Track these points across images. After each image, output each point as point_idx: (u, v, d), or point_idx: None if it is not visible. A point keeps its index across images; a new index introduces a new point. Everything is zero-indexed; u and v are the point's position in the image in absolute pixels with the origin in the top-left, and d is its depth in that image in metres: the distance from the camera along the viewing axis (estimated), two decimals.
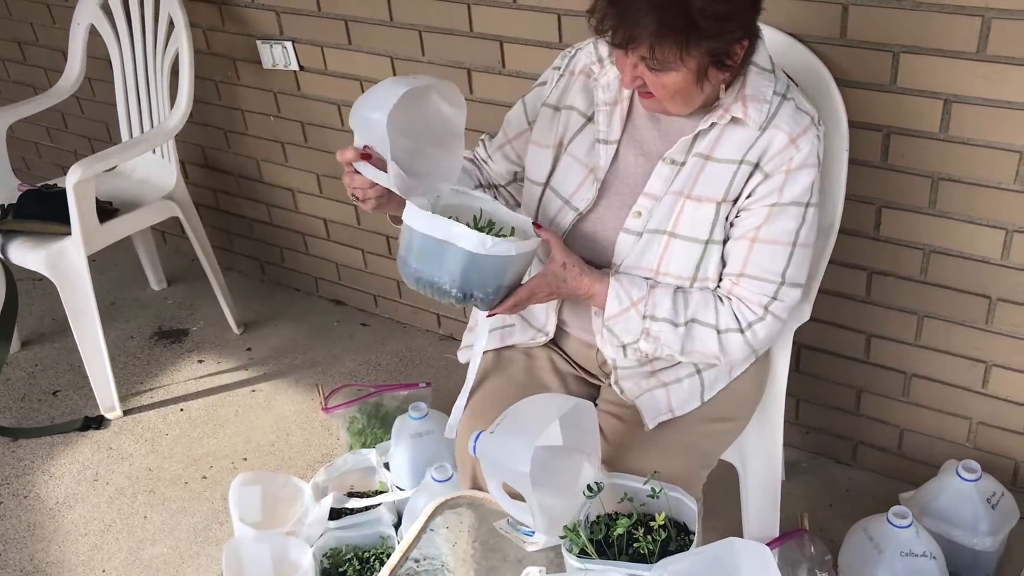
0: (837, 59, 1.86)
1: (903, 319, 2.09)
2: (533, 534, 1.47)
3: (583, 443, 1.45)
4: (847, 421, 2.30)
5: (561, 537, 1.39)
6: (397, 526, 2.16)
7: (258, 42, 2.74)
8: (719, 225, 1.50)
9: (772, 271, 1.49)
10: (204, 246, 2.90)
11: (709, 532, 1.43)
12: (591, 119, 1.59)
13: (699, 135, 1.50)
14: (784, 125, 1.46)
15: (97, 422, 2.68)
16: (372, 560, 2.09)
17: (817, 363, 2.25)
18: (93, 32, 2.87)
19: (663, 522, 1.39)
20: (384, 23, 2.49)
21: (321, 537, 2.10)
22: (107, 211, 2.67)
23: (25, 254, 2.56)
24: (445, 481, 2.01)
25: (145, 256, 3.24)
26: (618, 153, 1.57)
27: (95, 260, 2.57)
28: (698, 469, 1.60)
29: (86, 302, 2.59)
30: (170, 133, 2.68)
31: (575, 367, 1.72)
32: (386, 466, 2.28)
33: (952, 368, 2.08)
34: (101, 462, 2.56)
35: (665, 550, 1.38)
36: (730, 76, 1.46)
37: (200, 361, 2.92)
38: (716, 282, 1.53)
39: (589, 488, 1.43)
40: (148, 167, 2.91)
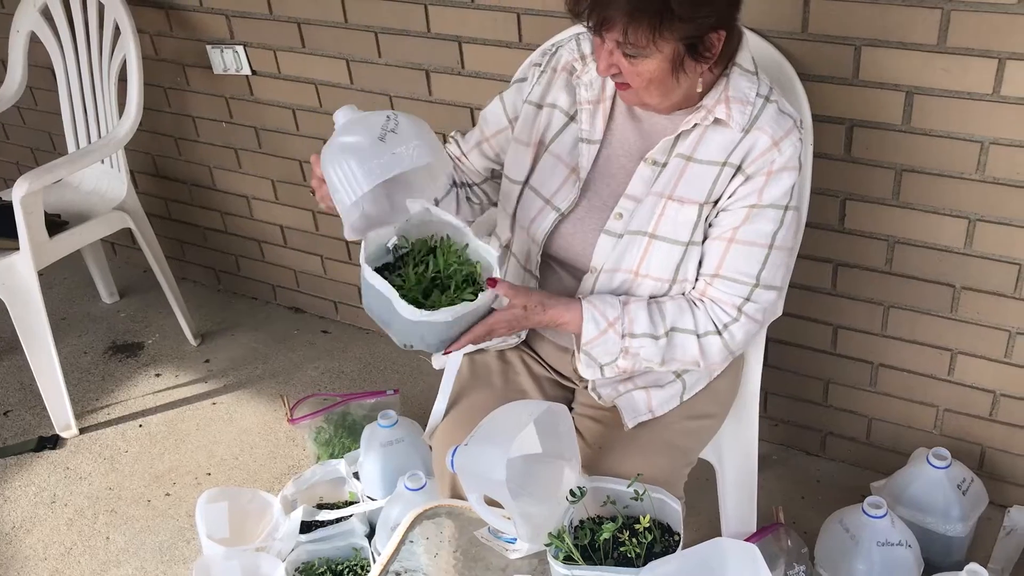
0: (799, 53, 1.87)
1: (869, 310, 2.11)
2: (515, 541, 1.46)
3: (562, 448, 1.43)
4: (816, 413, 2.32)
5: (546, 544, 1.37)
6: (370, 537, 2.12)
7: (208, 47, 2.68)
8: (700, 227, 1.49)
9: (746, 273, 1.49)
10: (157, 257, 2.83)
11: (687, 530, 1.43)
12: (573, 118, 1.57)
13: (681, 136, 1.49)
14: (767, 127, 1.46)
15: (52, 442, 2.60)
16: (346, 572, 2.05)
17: (785, 356, 2.26)
18: (34, 39, 2.78)
19: (648, 524, 1.38)
20: (338, 25, 2.44)
21: (293, 551, 2.06)
22: (56, 224, 2.59)
23: None
24: (419, 490, 1.98)
25: (95, 268, 3.16)
26: (600, 153, 1.56)
27: (42, 274, 2.49)
28: (680, 467, 1.60)
29: (37, 318, 2.51)
30: (120, 142, 2.61)
31: (550, 371, 1.71)
32: (356, 476, 2.24)
33: (918, 357, 2.11)
34: (58, 483, 2.48)
35: (651, 552, 1.38)
36: (708, 74, 1.45)
37: (157, 375, 2.85)
38: (695, 283, 1.53)
39: (572, 493, 1.41)
40: (97, 178, 2.83)
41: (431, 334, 1.41)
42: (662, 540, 1.40)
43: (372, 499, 2.17)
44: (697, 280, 1.52)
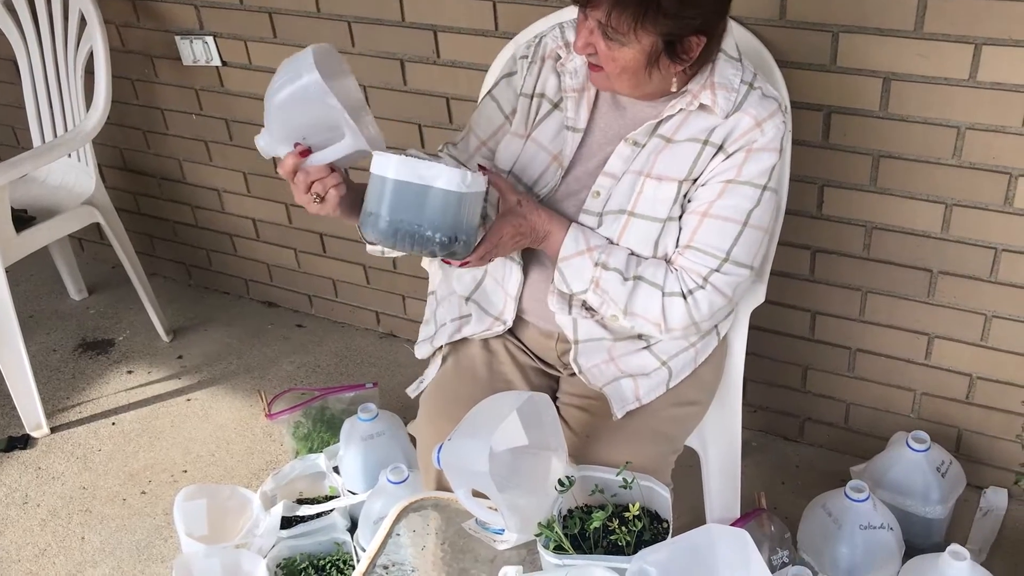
0: (777, 40, 1.87)
1: (847, 295, 2.12)
2: (503, 532, 1.45)
3: (547, 439, 1.42)
4: (794, 398, 2.33)
5: (536, 534, 1.36)
6: (352, 531, 2.10)
7: (177, 38, 2.63)
8: (678, 203, 1.50)
9: (717, 247, 1.49)
10: (127, 252, 2.78)
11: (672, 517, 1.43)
12: (557, 105, 1.57)
13: (664, 120, 1.49)
14: (751, 109, 1.47)
15: (23, 441, 2.55)
16: (328, 567, 2.03)
17: (763, 342, 2.27)
18: None
19: (638, 512, 1.38)
20: (311, 14, 2.41)
21: (274, 547, 2.03)
22: (23, 220, 2.54)
23: None
24: (401, 483, 1.96)
25: (63, 264, 3.10)
26: (584, 141, 1.56)
27: (8, 271, 2.43)
28: (667, 454, 1.60)
29: (5, 316, 2.45)
30: (88, 136, 2.56)
31: (534, 359, 1.70)
32: (336, 470, 2.22)
33: (896, 341, 2.12)
34: (30, 483, 2.43)
35: (640, 540, 1.37)
36: (683, 75, 1.46)
37: (129, 372, 2.81)
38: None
39: (561, 482, 1.40)
40: (64, 172, 2.77)
41: (469, 211, 1.37)
42: (651, 528, 1.40)
43: (353, 493, 2.15)
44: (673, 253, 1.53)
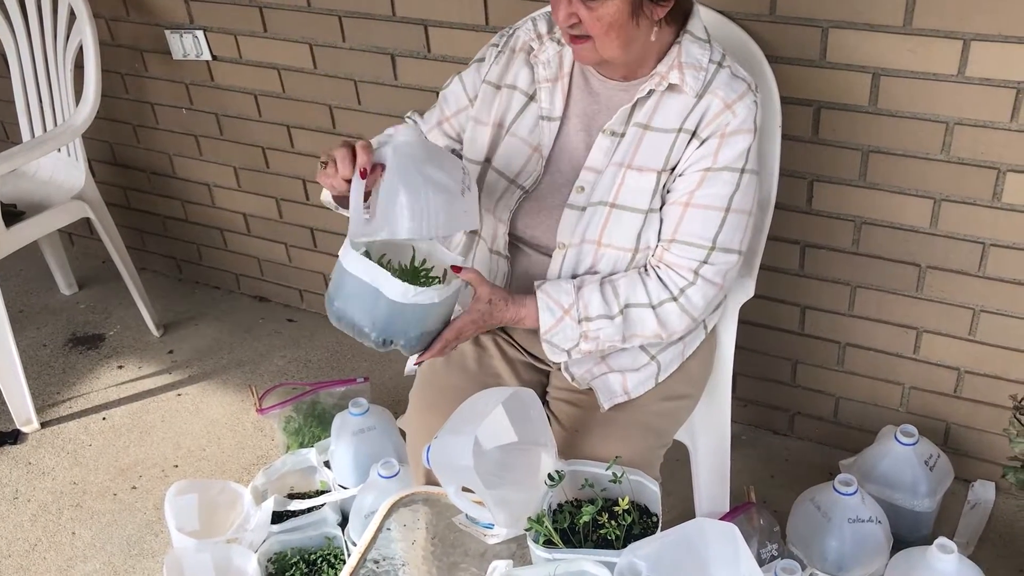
0: (767, 35, 1.87)
1: (836, 290, 2.13)
2: (493, 526, 1.45)
3: (536, 434, 1.43)
4: (784, 392, 2.34)
5: (526, 529, 1.37)
6: (343, 526, 2.11)
7: (167, 32, 2.62)
8: (658, 194, 1.50)
9: (703, 236, 1.49)
10: (117, 246, 2.77)
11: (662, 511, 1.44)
12: (532, 97, 1.57)
13: (637, 104, 1.50)
14: (720, 91, 1.47)
15: (13, 437, 2.55)
16: (319, 562, 2.04)
17: (753, 337, 2.27)
18: None
19: (627, 506, 1.38)
20: (301, 8, 2.41)
21: (265, 542, 2.04)
22: (12, 214, 2.53)
23: None
24: (392, 477, 1.97)
25: (53, 259, 3.09)
26: (561, 129, 1.57)
27: None
28: (656, 449, 1.60)
29: None
30: (78, 130, 2.55)
31: (524, 353, 1.70)
32: (327, 465, 2.22)
33: (885, 336, 2.13)
34: (20, 478, 2.43)
35: (630, 534, 1.38)
36: (663, 31, 1.46)
37: (120, 367, 2.80)
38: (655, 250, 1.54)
39: (550, 477, 1.41)
40: (54, 167, 2.76)
41: (413, 319, 1.41)
42: (641, 522, 1.41)
43: (344, 488, 2.15)
44: (657, 247, 1.53)
